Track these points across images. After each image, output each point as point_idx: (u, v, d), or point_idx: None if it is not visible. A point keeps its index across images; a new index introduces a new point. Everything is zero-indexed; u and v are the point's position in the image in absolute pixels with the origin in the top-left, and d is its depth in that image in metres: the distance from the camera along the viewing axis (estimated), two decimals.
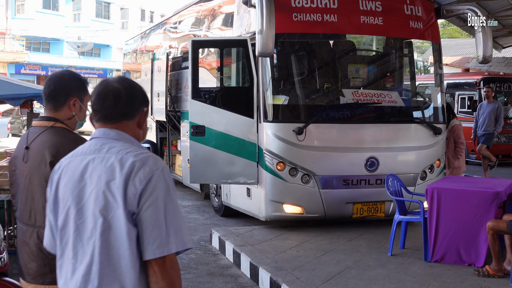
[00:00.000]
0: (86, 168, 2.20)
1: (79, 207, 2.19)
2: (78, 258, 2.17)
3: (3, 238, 4.64)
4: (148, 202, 2.08)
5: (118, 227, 2.09)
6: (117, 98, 2.27)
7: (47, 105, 3.10)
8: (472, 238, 6.44)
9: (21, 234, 3.10)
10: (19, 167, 3.11)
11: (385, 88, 9.23)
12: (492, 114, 12.73)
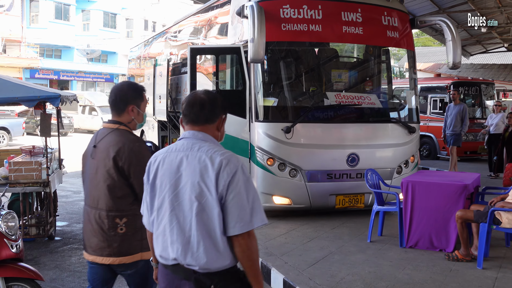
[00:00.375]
0: (181, 162, 2.59)
1: (175, 192, 2.58)
2: (175, 232, 2.56)
3: (18, 227, 4.61)
4: (234, 191, 2.49)
5: (210, 209, 2.50)
6: (202, 106, 2.67)
7: (112, 111, 3.51)
8: (443, 226, 6.46)
9: (86, 214, 3.50)
10: (88, 162, 3.51)
11: (364, 91, 9.25)
12: (459, 115, 12.75)
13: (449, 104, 13.47)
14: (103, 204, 3.36)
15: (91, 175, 3.47)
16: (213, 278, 2.53)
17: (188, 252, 2.53)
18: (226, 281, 2.56)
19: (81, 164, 3.67)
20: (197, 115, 2.68)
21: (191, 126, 2.70)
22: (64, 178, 8.95)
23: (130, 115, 3.50)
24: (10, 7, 34.07)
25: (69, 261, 6.57)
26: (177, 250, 2.55)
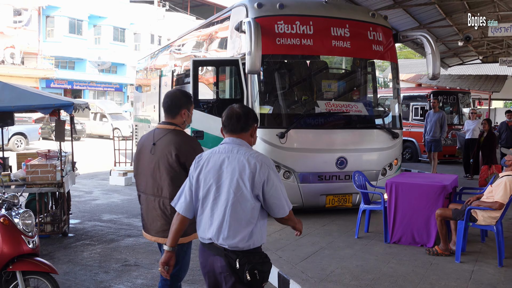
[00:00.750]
0: (223, 162, 2.97)
1: (217, 185, 2.95)
2: (214, 217, 2.94)
3: (34, 225, 4.59)
4: (271, 188, 2.91)
5: (243, 201, 2.89)
6: (239, 118, 3.04)
7: (166, 115, 3.83)
8: (424, 224, 6.47)
9: (148, 202, 3.81)
10: (146, 157, 3.79)
11: (352, 100, 9.25)
12: (438, 122, 12.74)
13: (429, 112, 13.46)
14: (166, 193, 3.68)
15: (151, 168, 3.76)
16: (238, 254, 2.89)
17: (220, 234, 2.91)
18: (249, 258, 2.88)
19: (135, 159, 3.97)
20: (235, 125, 3.05)
21: (230, 134, 3.08)
22: (76, 180, 8.93)
23: (182, 117, 3.82)
24: (28, 23, 34.03)
25: (81, 255, 6.54)
26: (213, 232, 2.94)
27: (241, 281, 2.88)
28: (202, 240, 3.04)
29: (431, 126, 12.80)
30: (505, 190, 5.79)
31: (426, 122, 13.16)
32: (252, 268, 2.86)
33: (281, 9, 7.99)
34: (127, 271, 5.98)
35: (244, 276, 2.85)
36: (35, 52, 34.97)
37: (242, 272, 2.86)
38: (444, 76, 29.74)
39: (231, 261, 2.88)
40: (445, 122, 12.92)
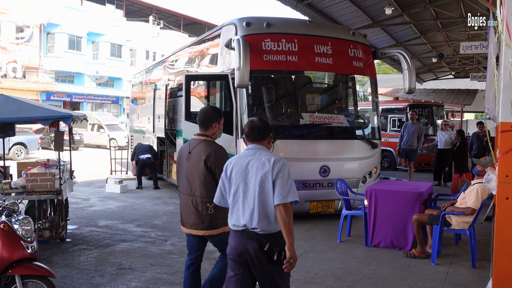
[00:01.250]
0: (248, 163, 3.44)
1: (245, 182, 3.41)
2: (245, 208, 3.38)
3: (33, 231, 4.52)
4: (280, 177, 3.29)
5: (267, 191, 3.32)
6: (259, 130, 3.56)
7: (200, 127, 4.32)
8: (402, 228, 6.48)
9: (184, 200, 4.29)
10: (184, 163, 4.30)
11: (334, 112, 9.27)
12: (415, 133, 12.78)
13: (406, 122, 13.47)
14: (198, 193, 4.17)
15: (187, 172, 4.25)
16: (268, 237, 3.31)
17: (252, 220, 3.33)
18: (277, 240, 3.29)
19: (177, 165, 4.47)
20: (256, 135, 3.56)
21: (252, 142, 3.57)
22: (74, 187, 8.84)
23: (213, 129, 4.29)
24: (29, 39, 33.85)
25: (78, 260, 6.45)
26: (246, 219, 3.36)
27: (270, 259, 3.30)
28: (236, 227, 3.44)
29: (409, 136, 12.78)
30: (476, 197, 5.83)
31: (402, 132, 13.12)
32: (280, 250, 3.28)
33: (268, 28, 8.01)
34: (122, 274, 5.90)
35: (273, 256, 3.29)
36: (36, 67, 34.76)
37: (271, 253, 3.29)
38: (420, 90, 30.03)
39: (262, 244, 3.31)
40: (422, 133, 13.01)
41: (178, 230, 8.23)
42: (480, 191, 5.84)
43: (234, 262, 3.45)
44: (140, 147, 13.23)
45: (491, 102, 6.86)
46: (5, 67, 31.32)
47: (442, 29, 18.75)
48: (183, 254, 6.79)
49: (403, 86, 8.59)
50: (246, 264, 3.40)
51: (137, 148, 13.28)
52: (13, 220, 4.37)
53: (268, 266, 3.33)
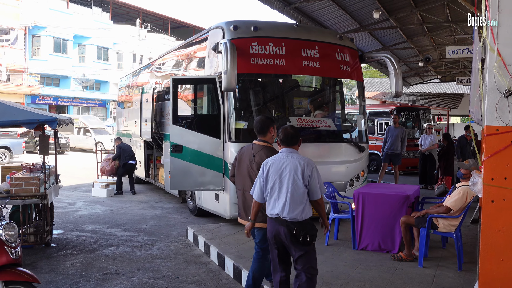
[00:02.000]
0: (283, 164, 4.22)
1: (280, 179, 4.19)
2: (279, 200, 4.17)
3: (18, 236, 4.47)
4: (312, 179, 4.15)
5: (297, 189, 4.14)
6: (292, 136, 4.36)
7: (259, 134, 4.98)
8: (389, 231, 6.51)
9: (245, 196, 4.94)
10: (246, 164, 4.94)
11: (322, 116, 9.30)
12: (399, 137, 12.78)
13: (389, 127, 13.47)
14: (248, 187, 4.85)
15: (249, 172, 4.90)
16: (295, 224, 4.11)
17: (284, 210, 4.13)
18: (302, 226, 4.10)
19: (237, 164, 5.09)
20: (290, 141, 4.33)
21: (285, 146, 4.34)
22: (60, 191, 8.77)
23: (271, 134, 4.99)
24: (14, 41, 33.53)
25: (63, 265, 6.39)
26: (279, 209, 4.16)
27: (298, 241, 4.08)
28: (271, 215, 4.24)
29: (393, 140, 12.79)
30: (458, 198, 5.92)
31: (386, 135, 13.13)
32: (305, 233, 4.07)
33: (255, 32, 8.02)
34: (108, 279, 5.85)
35: (299, 239, 4.06)
36: (21, 70, 34.45)
37: (298, 236, 4.07)
38: (406, 94, 30.25)
39: (290, 229, 4.09)
40: (405, 137, 13.04)
41: (165, 235, 8.20)
42: (464, 193, 5.90)
43: (271, 242, 4.34)
44: (126, 149, 13.05)
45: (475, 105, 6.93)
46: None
47: (428, 34, 18.93)
48: (170, 258, 6.76)
49: (390, 89, 8.64)
50: (281, 244, 4.27)
51: (122, 148, 13.03)
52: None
53: (297, 246, 4.14)
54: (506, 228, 3.77)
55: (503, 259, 3.79)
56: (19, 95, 33.25)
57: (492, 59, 3.76)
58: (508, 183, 3.74)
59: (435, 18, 16.32)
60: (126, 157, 12.79)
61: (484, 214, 3.84)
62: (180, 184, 8.18)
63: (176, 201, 11.58)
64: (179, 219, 9.57)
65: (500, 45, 3.73)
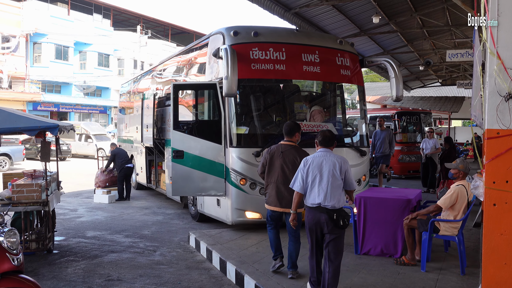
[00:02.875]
0: (322, 161, 4.92)
1: (320, 174, 4.88)
2: (320, 191, 4.85)
3: (19, 242, 4.47)
4: (349, 174, 4.95)
5: (335, 181, 4.85)
6: (330, 139, 5.07)
7: (287, 136, 5.93)
8: (391, 236, 6.49)
9: (278, 188, 5.76)
10: (277, 161, 5.80)
11: (323, 120, 9.30)
12: (386, 139, 12.76)
13: (376, 130, 13.45)
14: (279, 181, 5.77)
15: (282, 167, 5.76)
16: (335, 211, 4.81)
17: (325, 199, 4.83)
18: (340, 213, 4.82)
19: (269, 162, 5.85)
20: (327, 143, 5.06)
21: (322, 147, 5.06)
22: (61, 198, 8.76)
23: (296, 137, 5.93)
24: (16, 49, 33.64)
25: (65, 272, 6.38)
26: (320, 199, 4.85)
27: (337, 225, 4.79)
28: (312, 205, 4.89)
29: (381, 143, 12.79)
30: (448, 196, 5.95)
31: (374, 139, 13.05)
32: (343, 218, 4.80)
33: (255, 37, 8.04)
34: (110, 285, 5.84)
35: (338, 223, 4.77)
36: (23, 77, 34.54)
37: (338, 220, 4.78)
38: (407, 98, 30.28)
39: (330, 215, 4.79)
40: (393, 138, 13.02)
41: (167, 240, 8.19)
42: (454, 192, 5.92)
43: (310, 230, 4.96)
44: (121, 153, 12.93)
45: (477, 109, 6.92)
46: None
47: (429, 37, 18.96)
48: (172, 264, 6.75)
49: (391, 94, 8.65)
50: (320, 230, 4.91)
51: (116, 154, 12.85)
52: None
53: (335, 229, 4.81)
54: (509, 232, 3.76)
55: (506, 262, 3.78)
56: (20, 102, 33.33)
57: (492, 62, 3.76)
58: (510, 186, 3.74)
59: (435, 22, 16.34)
60: (122, 162, 12.68)
61: (486, 218, 3.83)
62: (182, 189, 8.19)
63: (178, 206, 11.57)
64: (180, 224, 9.57)
65: (500, 48, 3.74)
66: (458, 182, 6.11)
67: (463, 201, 5.95)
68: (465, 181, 6.13)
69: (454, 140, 27.87)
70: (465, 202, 5.96)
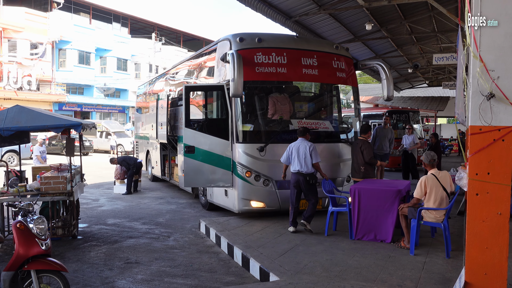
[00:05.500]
0: (299, 145, 7.01)
1: (297, 153, 6.97)
2: (297, 163, 6.96)
3: (47, 229, 4.49)
4: (313, 152, 6.96)
5: (307, 156, 6.93)
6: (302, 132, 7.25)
7: (361, 133, 7.90)
8: (383, 222, 6.49)
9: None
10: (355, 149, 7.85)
11: (320, 118, 9.28)
12: (387, 137, 11.81)
13: (378, 126, 12.91)
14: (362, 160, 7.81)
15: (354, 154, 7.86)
16: (308, 175, 6.89)
17: (303, 167, 6.89)
18: (310, 175, 6.89)
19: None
20: (301, 133, 7.16)
21: (300, 137, 7.16)
22: (84, 189, 8.80)
23: (369, 134, 7.87)
24: (43, 55, 33.66)
25: (88, 255, 6.41)
26: (299, 167, 6.91)
27: (309, 183, 6.94)
28: (294, 171, 7.01)
29: (381, 140, 11.77)
30: (418, 187, 5.96)
31: (374, 135, 11.85)
32: (312, 178, 6.97)
33: (259, 43, 8.02)
34: (129, 268, 5.87)
35: (310, 181, 6.92)
36: (49, 80, 34.60)
37: (309, 180, 6.94)
38: (397, 98, 30.17)
39: (305, 177, 6.91)
40: (393, 138, 12.39)
41: (180, 227, 8.21)
42: (421, 182, 5.94)
43: (294, 186, 7.06)
44: (128, 158, 12.84)
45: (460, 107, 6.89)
46: (20, 81, 31.19)
47: (417, 43, 18.88)
48: (184, 248, 6.77)
49: (382, 94, 8.62)
50: (298, 187, 7.02)
51: (125, 160, 12.64)
52: (28, 219, 4.35)
53: (308, 185, 6.97)
54: (490, 219, 3.75)
55: (487, 247, 3.78)
56: (47, 103, 33.42)
57: (475, 65, 3.74)
58: (491, 177, 3.73)
59: (422, 29, 16.27)
60: (133, 161, 12.60)
61: (469, 206, 3.82)
62: (193, 181, 8.19)
63: (190, 197, 11.59)
64: (192, 213, 9.58)
65: (482, 52, 3.72)
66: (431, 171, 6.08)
67: (433, 187, 5.90)
68: (435, 169, 6.08)
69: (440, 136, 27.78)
70: (438, 188, 5.90)
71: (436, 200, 5.90)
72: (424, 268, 5.34)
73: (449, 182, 6.00)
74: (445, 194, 5.94)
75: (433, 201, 5.90)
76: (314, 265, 5.40)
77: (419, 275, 5.07)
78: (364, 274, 5.11)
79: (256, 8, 11.57)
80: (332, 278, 4.98)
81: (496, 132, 3.70)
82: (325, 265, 5.40)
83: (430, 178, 5.95)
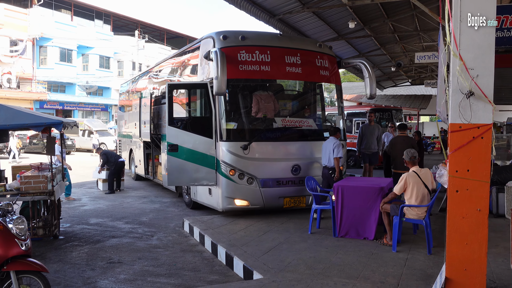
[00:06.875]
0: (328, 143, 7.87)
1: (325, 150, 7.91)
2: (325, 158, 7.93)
3: (27, 229, 4.42)
4: (335, 148, 7.73)
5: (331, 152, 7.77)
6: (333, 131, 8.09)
7: (400, 130, 8.96)
8: (366, 220, 6.54)
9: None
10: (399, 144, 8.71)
11: (304, 116, 9.32)
12: (375, 135, 11.33)
13: (364, 124, 12.21)
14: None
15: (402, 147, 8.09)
16: (331, 168, 7.78)
17: (327, 162, 7.82)
18: (333, 169, 7.76)
19: None
20: (332, 132, 8.00)
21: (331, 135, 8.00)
22: None
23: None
24: (23, 52, 33.13)
25: (70, 255, 6.33)
26: (326, 162, 7.86)
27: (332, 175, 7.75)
28: (323, 164, 7.91)
29: (368, 138, 11.25)
30: (398, 183, 6.04)
31: (360, 133, 11.46)
32: (333, 172, 7.68)
33: (242, 41, 8.01)
34: (111, 267, 5.81)
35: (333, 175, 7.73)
36: (30, 78, 34.07)
37: (332, 173, 7.73)
38: (380, 96, 30.44)
39: (329, 170, 7.77)
40: (381, 135, 11.67)
41: (164, 226, 8.16)
42: (402, 178, 6.03)
43: (323, 178, 7.90)
44: (111, 153, 12.78)
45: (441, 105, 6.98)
46: (0, 78, 30.62)
47: (399, 41, 19.06)
48: (168, 247, 6.74)
49: (365, 92, 8.68)
50: (326, 177, 7.85)
51: (107, 154, 12.58)
52: (7, 219, 4.27)
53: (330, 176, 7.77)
54: (470, 215, 3.81)
55: (467, 243, 3.83)
56: (28, 101, 32.90)
57: (455, 63, 3.79)
58: (470, 174, 3.78)
59: (405, 28, 16.43)
60: (115, 158, 12.51)
61: (449, 203, 3.87)
62: (177, 180, 8.15)
63: (173, 195, 11.53)
64: (176, 212, 9.54)
65: (462, 50, 3.77)
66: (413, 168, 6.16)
67: (414, 185, 5.98)
68: (416, 167, 6.17)
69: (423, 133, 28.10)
70: (419, 185, 5.98)
71: (417, 197, 5.97)
72: (406, 264, 5.40)
73: (430, 179, 6.08)
74: (426, 191, 6.02)
75: (415, 198, 5.98)
76: (297, 263, 5.42)
77: (401, 272, 5.12)
78: (347, 271, 5.15)
79: (240, 6, 11.55)
80: (315, 275, 5.00)
81: (475, 130, 3.75)
82: (309, 263, 5.42)
83: (412, 175, 6.02)
